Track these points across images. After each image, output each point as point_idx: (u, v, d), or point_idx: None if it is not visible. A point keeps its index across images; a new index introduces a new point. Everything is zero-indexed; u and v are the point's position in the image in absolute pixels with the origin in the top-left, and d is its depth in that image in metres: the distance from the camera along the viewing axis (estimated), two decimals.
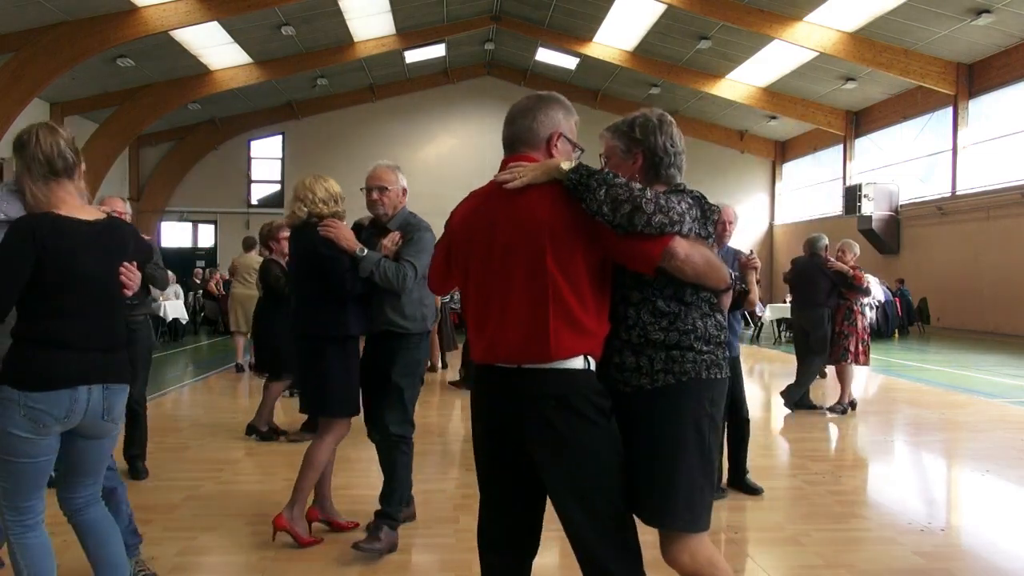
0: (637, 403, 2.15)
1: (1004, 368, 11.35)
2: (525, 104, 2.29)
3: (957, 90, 17.52)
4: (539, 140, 2.24)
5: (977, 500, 4.98)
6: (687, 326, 2.15)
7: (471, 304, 2.25)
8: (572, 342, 2.06)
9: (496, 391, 2.16)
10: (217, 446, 5.95)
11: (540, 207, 2.10)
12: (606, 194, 1.99)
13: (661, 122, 2.28)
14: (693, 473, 2.12)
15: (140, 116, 19.55)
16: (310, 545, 3.74)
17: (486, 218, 2.20)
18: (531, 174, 2.13)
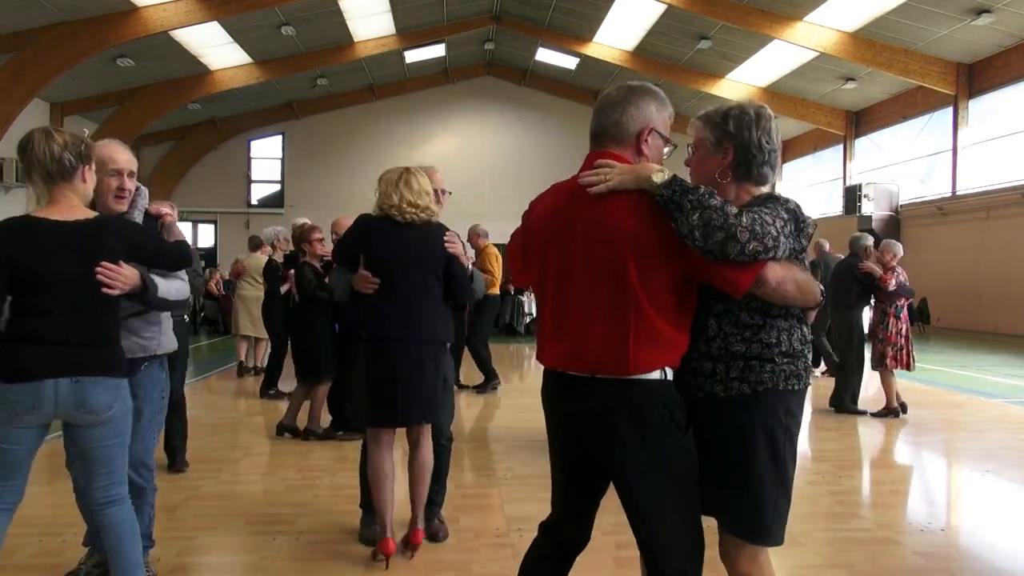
0: (710, 409, 2.09)
1: (1004, 368, 11.35)
2: (616, 95, 2.15)
3: (957, 90, 17.52)
4: (628, 136, 2.12)
5: (977, 500, 4.98)
6: (770, 339, 2.08)
7: (548, 307, 2.18)
8: (651, 356, 2.00)
9: (572, 399, 2.11)
10: (217, 446, 5.95)
11: (625, 217, 1.99)
12: (699, 218, 1.87)
13: (759, 116, 2.13)
14: (765, 482, 2.06)
15: (140, 116, 19.54)
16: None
17: (566, 218, 2.10)
18: (618, 179, 2.01)
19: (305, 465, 5.37)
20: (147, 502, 3.16)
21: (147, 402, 3.08)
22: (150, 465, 3.17)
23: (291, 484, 4.90)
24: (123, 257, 2.62)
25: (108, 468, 2.68)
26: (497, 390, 8.52)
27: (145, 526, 3.12)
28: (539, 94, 25.32)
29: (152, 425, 3.15)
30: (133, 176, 2.99)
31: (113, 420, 2.65)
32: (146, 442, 3.12)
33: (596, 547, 3.76)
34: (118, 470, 2.71)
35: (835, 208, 21.87)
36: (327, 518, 4.21)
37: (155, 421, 3.18)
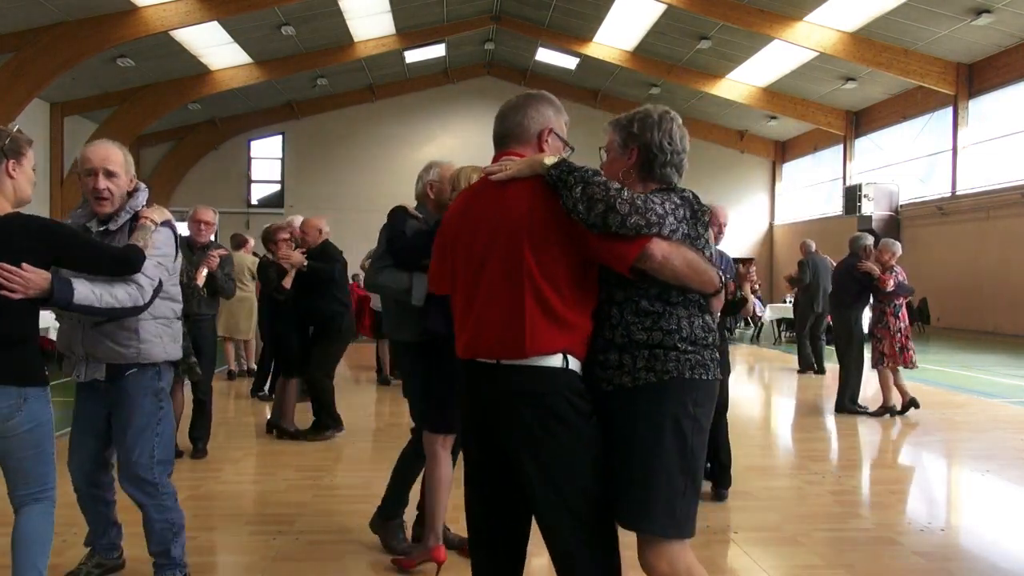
0: (617, 401, 2.10)
1: (1004, 368, 11.35)
2: (516, 101, 2.31)
3: (957, 90, 17.52)
4: (529, 136, 2.26)
5: (977, 500, 4.98)
6: (671, 326, 2.09)
7: (456, 299, 2.25)
8: (548, 338, 2.04)
9: (475, 386, 2.16)
10: (217, 446, 5.95)
11: (521, 201, 2.09)
12: (582, 192, 1.97)
13: (661, 119, 2.21)
14: (673, 476, 2.05)
15: (140, 116, 19.54)
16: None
17: (473, 214, 2.22)
18: (516, 168, 2.13)
19: (305, 465, 5.37)
20: (152, 519, 2.98)
21: (134, 411, 2.92)
22: (150, 480, 2.94)
23: (291, 484, 4.90)
24: (35, 259, 2.45)
25: (24, 479, 2.56)
26: None
27: (156, 543, 2.99)
28: None
29: (144, 437, 2.93)
30: (112, 176, 2.83)
31: (18, 433, 2.49)
32: (138, 455, 2.92)
33: None
34: (36, 482, 2.58)
35: (835, 208, 21.88)
36: (327, 518, 4.22)
37: (149, 433, 2.94)
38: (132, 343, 2.87)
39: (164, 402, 3.01)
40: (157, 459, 2.96)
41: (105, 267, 2.67)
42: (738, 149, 25.91)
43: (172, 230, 2.98)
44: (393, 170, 24.69)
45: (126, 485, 2.95)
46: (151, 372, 2.96)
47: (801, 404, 8.45)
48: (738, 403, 8.40)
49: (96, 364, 2.91)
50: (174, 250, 2.97)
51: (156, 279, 2.78)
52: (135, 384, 2.92)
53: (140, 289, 2.72)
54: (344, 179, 24.59)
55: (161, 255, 2.85)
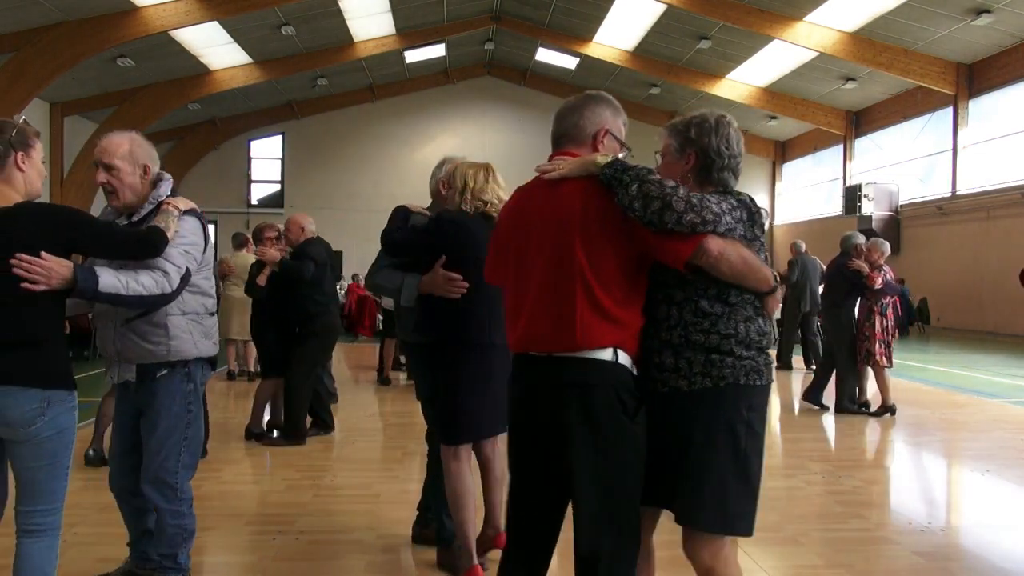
0: (673, 404, 2.16)
1: (1004, 368, 11.35)
2: (573, 102, 2.34)
3: (957, 90, 17.53)
4: (585, 136, 2.29)
5: (977, 500, 4.98)
6: (728, 329, 2.14)
7: (509, 295, 2.31)
8: (599, 332, 2.09)
9: (526, 379, 2.22)
10: (216, 446, 5.94)
11: (573, 199, 2.14)
12: (638, 190, 2.01)
13: (718, 124, 2.26)
14: (725, 477, 2.12)
15: (140, 116, 19.53)
16: None
17: (527, 212, 2.27)
18: (569, 167, 2.17)
19: (305, 465, 5.37)
20: (165, 522, 2.92)
21: (162, 415, 2.86)
22: (171, 484, 2.88)
23: (291, 484, 4.90)
24: (52, 248, 2.34)
25: (32, 492, 2.38)
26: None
27: (165, 545, 2.94)
28: (539, 94, 25.31)
29: (172, 442, 2.87)
30: (111, 169, 2.75)
31: (37, 439, 2.34)
32: (163, 459, 2.86)
33: None
34: (44, 498, 2.39)
35: (835, 208, 21.88)
36: (327, 518, 4.21)
37: (177, 436, 2.89)
38: (162, 340, 2.80)
39: (194, 405, 2.93)
40: (183, 463, 2.91)
41: (125, 250, 2.59)
42: None
43: (199, 220, 2.87)
44: (393, 170, 24.71)
45: (146, 486, 2.90)
46: (180, 374, 2.88)
47: (801, 404, 8.45)
48: None
49: (127, 365, 2.87)
50: (202, 240, 2.85)
51: (183, 267, 2.69)
52: (164, 387, 2.86)
53: (166, 276, 2.62)
54: (344, 179, 24.60)
55: (188, 243, 2.75)
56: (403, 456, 5.77)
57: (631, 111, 15.29)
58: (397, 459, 5.72)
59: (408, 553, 3.77)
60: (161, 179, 2.88)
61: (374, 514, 4.29)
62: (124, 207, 2.83)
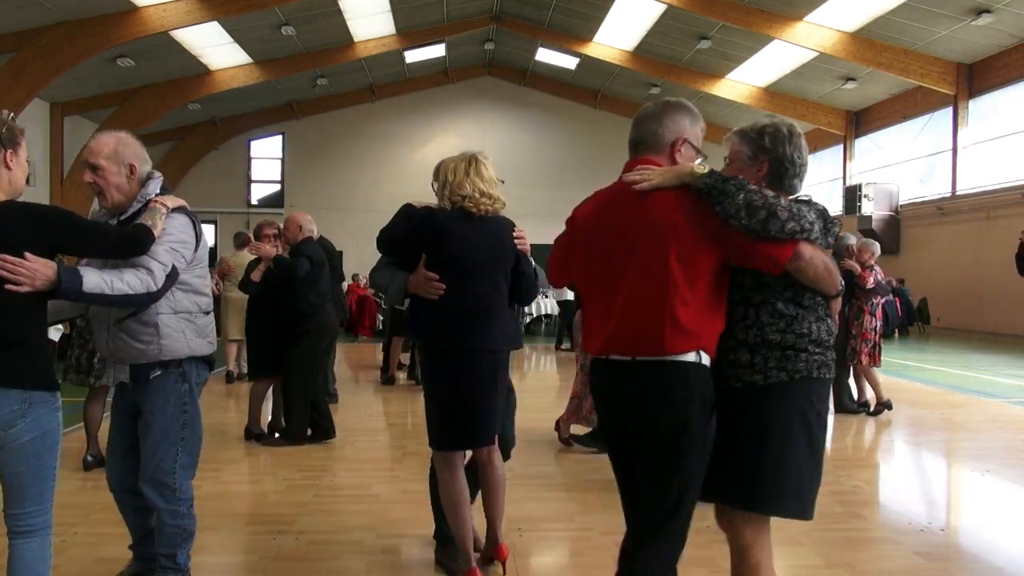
0: (748, 398, 2.26)
1: (1004, 368, 11.35)
2: (652, 109, 2.40)
3: (957, 90, 17.53)
4: (663, 144, 2.35)
5: (977, 500, 4.98)
6: (803, 329, 2.26)
7: (593, 300, 2.37)
8: (686, 338, 2.17)
9: (614, 383, 2.29)
10: (216, 446, 5.94)
11: (668, 208, 2.20)
12: (744, 199, 2.10)
13: (791, 133, 2.36)
14: (801, 464, 2.24)
15: (140, 116, 19.53)
16: None
17: (611, 216, 2.32)
18: (660, 177, 2.23)
19: (305, 465, 5.37)
20: (164, 522, 2.91)
21: (157, 416, 2.86)
22: (170, 484, 2.88)
23: (291, 484, 4.91)
24: (36, 248, 2.31)
25: (18, 495, 2.34)
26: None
27: (164, 545, 2.94)
28: (539, 94, 25.33)
29: (167, 443, 2.87)
30: (97, 169, 2.75)
31: (19, 442, 2.29)
32: (160, 460, 2.86)
33: (596, 547, 3.78)
34: (31, 500, 2.35)
35: (835, 208, 21.86)
36: (327, 518, 4.21)
37: (173, 437, 2.88)
38: (153, 339, 2.78)
39: (189, 405, 2.92)
40: (181, 464, 2.90)
41: (110, 248, 2.57)
42: None
43: (190, 217, 2.85)
44: (393, 170, 24.70)
45: (145, 486, 2.90)
46: (175, 374, 2.87)
47: None
48: None
49: (121, 366, 2.88)
50: (193, 238, 2.83)
51: (168, 264, 2.67)
52: (159, 388, 2.86)
53: (150, 274, 2.60)
54: (344, 179, 24.59)
55: (175, 241, 2.73)
56: (403, 456, 5.77)
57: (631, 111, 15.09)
58: (397, 459, 5.72)
59: (408, 553, 3.77)
60: (151, 178, 2.86)
61: (374, 514, 4.29)
62: (112, 207, 2.83)
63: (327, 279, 6.09)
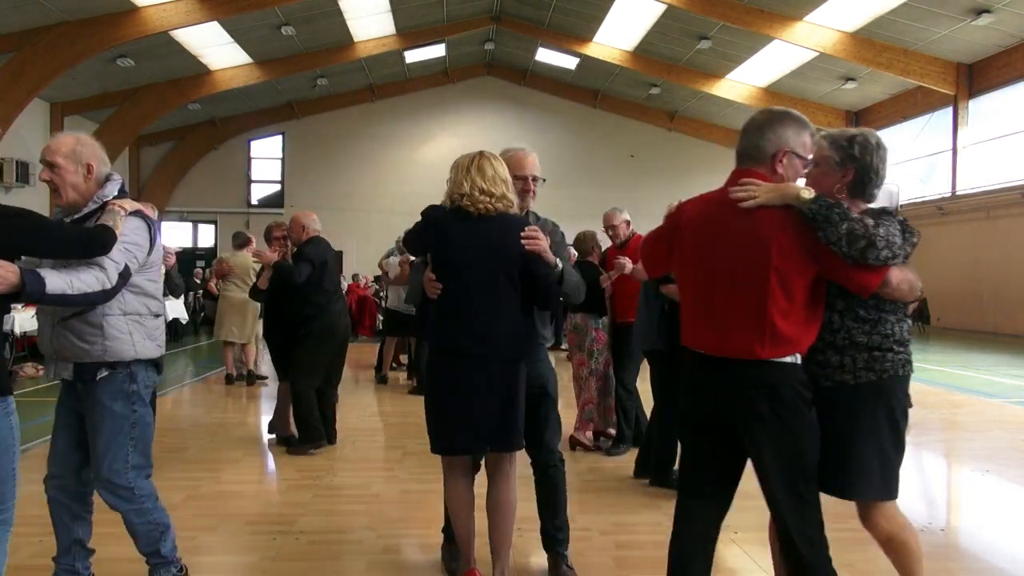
0: (839, 396, 2.47)
1: (1004, 368, 11.35)
2: (758, 121, 2.51)
3: (957, 90, 17.52)
4: (765, 157, 2.46)
5: (977, 500, 4.97)
6: (887, 330, 2.47)
7: (694, 298, 2.53)
8: (784, 344, 2.36)
9: (715, 378, 2.45)
10: (217, 446, 5.95)
11: (772, 227, 2.35)
12: (846, 228, 2.25)
13: (878, 145, 2.50)
14: (887, 455, 2.50)
15: (140, 116, 19.54)
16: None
17: (716, 226, 2.46)
18: (766, 196, 2.36)
19: (305, 465, 5.37)
20: (134, 523, 2.90)
21: (106, 416, 2.81)
22: (124, 484, 2.84)
23: (291, 484, 4.90)
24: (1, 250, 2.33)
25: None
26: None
27: (143, 544, 2.94)
28: (539, 94, 25.31)
29: (117, 442, 2.82)
30: (54, 167, 2.75)
31: None
32: (111, 460, 2.82)
33: (596, 547, 3.77)
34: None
35: None
36: (327, 518, 4.21)
37: (123, 437, 2.83)
38: (97, 340, 2.76)
39: (137, 405, 2.87)
40: (132, 464, 2.85)
41: (72, 248, 2.56)
42: None
43: (145, 221, 2.85)
44: (393, 170, 24.69)
45: (101, 491, 2.86)
46: (122, 374, 2.83)
47: None
48: None
49: (64, 363, 2.83)
50: (147, 241, 2.83)
51: (122, 263, 2.67)
52: (105, 388, 2.81)
53: (104, 271, 2.61)
54: (344, 179, 24.57)
55: (128, 242, 2.73)
56: (403, 456, 5.77)
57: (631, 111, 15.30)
58: (397, 459, 5.72)
59: (408, 553, 3.77)
60: (109, 179, 2.85)
61: (374, 514, 4.29)
62: (67, 205, 2.81)
63: (332, 279, 5.97)
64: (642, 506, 4.41)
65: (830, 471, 2.48)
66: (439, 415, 3.09)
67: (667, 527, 2.40)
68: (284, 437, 5.94)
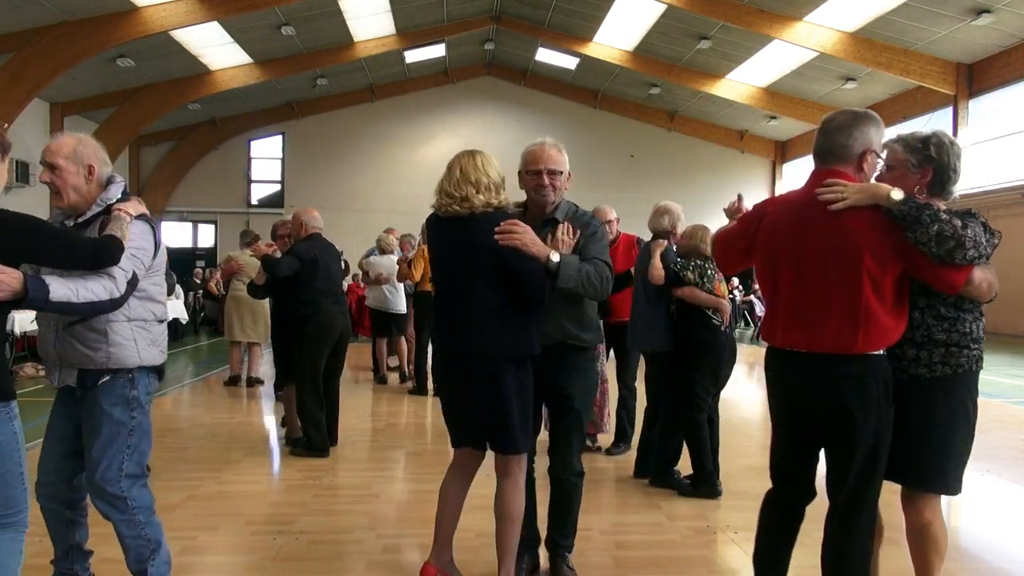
0: (914, 389, 2.59)
1: (1004, 368, 11.36)
2: (842, 120, 2.56)
3: (957, 90, 17.52)
4: (852, 156, 2.53)
5: (977, 500, 4.97)
6: (965, 328, 2.58)
7: (782, 298, 2.62)
8: (875, 339, 2.48)
9: (806, 373, 2.57)
10: (217, 446, 5.95)
11: (863, 227, 2.44)
12: (936, 230, 2.34)
13: (952, 143, 2.59)
14: (960, 448, 2.61)
15: (140, 116, 19.53)
16: None
17: (802, 226, 2.55)
18: (855, 197, 2.44)
19: (305, 465, 5.36)
20: (124, 535, 2.83)
21: (104, 422, 2.75)
22: (117, 493, 2.77)
23: (291, 484, 4.90)
24: (7, 257, 2.32)
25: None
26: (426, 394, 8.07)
27: (133, 561, 2.86)
28: (539, 94, 25.31)
29: (113, 449, 2.76)
30: (54, 169, 2.70)
31: None
32: (105, 467, 2.75)
33: (596, 547, 3.77)
34: (4, 503, 2.43)
35: None
36: (327, 518, 4.22)
37: (119, 444, 2.76)
38: (101, 346, 2.71)
39: (136, 412, 2.80)
40: (126, 472, 2.78)
41: (80, 259, 2.50)
42: (738, 149, 25.90)
43: (149, 224, 2.80)
44: (393, 170, 24.69)
45: (94, 498, 2.81)
46: (123, 380, 2.77)
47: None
48: (738, 403, 8.40)
49: (68, 369, 2.78)
50: (152, 246, 2.78)
51: (130, 271, 2.63)
52: (105, 393, 2.76)
53: (113, 280, 2.56)
54: (344, 179, 24.57)
55: (135, 247, 2.68)
56: (403, 456, 5.77)
57: (631, 111, 15.33)
58: (397, 459, 5.72)
59: (408, 553, 3.77)
60: (112, 181, 2.80)
61: (374, 514, 4.29)
62: (69, 207, 2.77)
63: (327, 277, 5.78)
64: (642, 506, 4.39)
65: (904, 462, 2.61)
66: (443, 409, 3.25)
67: (667, 527, 2.41)
68: (292, 439, 5.89)
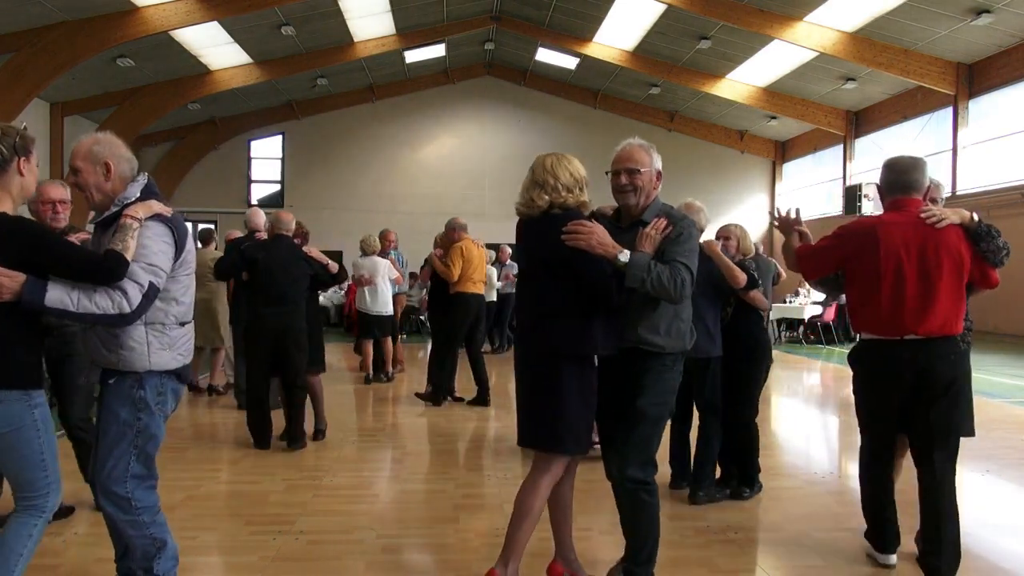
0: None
1: (1004, 368, 11.35)
2: (911, 161, 3.52)
3: (957, 90, 17.52)
4: (922, 189, 3.50)
5: (977, 500, 4.97)
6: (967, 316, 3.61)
7: (887, 297, 3.38)
8: (959, 322, 3.41)
9: (911, 355, 3.36)
10: (217, 446, 5.95)
11: (957, 239, 3.38)
12: (1002, 243, 3.39)
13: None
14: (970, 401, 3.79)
15: (140, 116, 19.53)
16: None
17: (916, 237, 3.37)
18: (951, 217, 3.37)
19: (305, 465, 5.37)
20: (128, 535, 2.80)
21: (111, 421, 2.75)
22: (122, 494, 2.75)
23: (291, 484, 4.91)
24: (4, 260, 2.39)
25: (15, 482, 2.63)
26: (441, 405, 7.73)
27: (139, 559, 2.81)
28: (539, 94, 25.30)
29: (119, 449, 2.75)
30: (76, 172, 2.75)
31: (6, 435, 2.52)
32: (111, 467, 2.75)
33: (596, 547, 3.78)
34: (24, 486, 2.62)
35: (835, 208, 21.88)
36: (327, 518, 4.22)
37: (125, 444, 2.75)
38: (114, 348, 2.71)
39: (143, 414, 2.75)
40: (132, 473, 2.76)
41: (78, 273, 2.50)
42: (738, 149, 25.90)
43: (166, 223, 2.72)
44: (393, 170, 24.70)
45: (98, 497, 2.81)
46: (130, 380, 2.74)
47: (801, 404, 8.45)
48: None
49: (95, 366, 2.88)
50: (171, 247, 2.71)
51: (145, 284, 2.59)
52: (114, 393, 2.75)
53: (124, 295, 2.54)
54: (344, 179, 24.57)
55: (150, 256, 2.63)
56: (403, 456, 5.77)
57: (631, 111, 15.39)
58: (397, 459, 5.72)
59: (408, 553, 3.77)
60: (134, 179, 2.79)
61: (374, 514, 4.29)
62: (96, 206, 2.79)
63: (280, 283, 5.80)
64: None
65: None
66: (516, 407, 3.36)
67: (666, 527, 2.41)
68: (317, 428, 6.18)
